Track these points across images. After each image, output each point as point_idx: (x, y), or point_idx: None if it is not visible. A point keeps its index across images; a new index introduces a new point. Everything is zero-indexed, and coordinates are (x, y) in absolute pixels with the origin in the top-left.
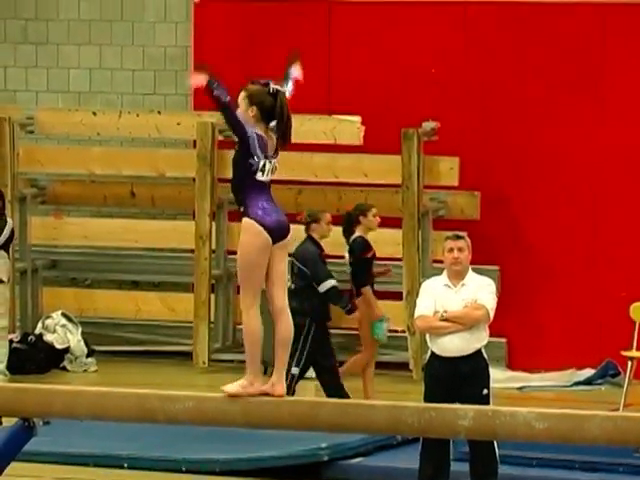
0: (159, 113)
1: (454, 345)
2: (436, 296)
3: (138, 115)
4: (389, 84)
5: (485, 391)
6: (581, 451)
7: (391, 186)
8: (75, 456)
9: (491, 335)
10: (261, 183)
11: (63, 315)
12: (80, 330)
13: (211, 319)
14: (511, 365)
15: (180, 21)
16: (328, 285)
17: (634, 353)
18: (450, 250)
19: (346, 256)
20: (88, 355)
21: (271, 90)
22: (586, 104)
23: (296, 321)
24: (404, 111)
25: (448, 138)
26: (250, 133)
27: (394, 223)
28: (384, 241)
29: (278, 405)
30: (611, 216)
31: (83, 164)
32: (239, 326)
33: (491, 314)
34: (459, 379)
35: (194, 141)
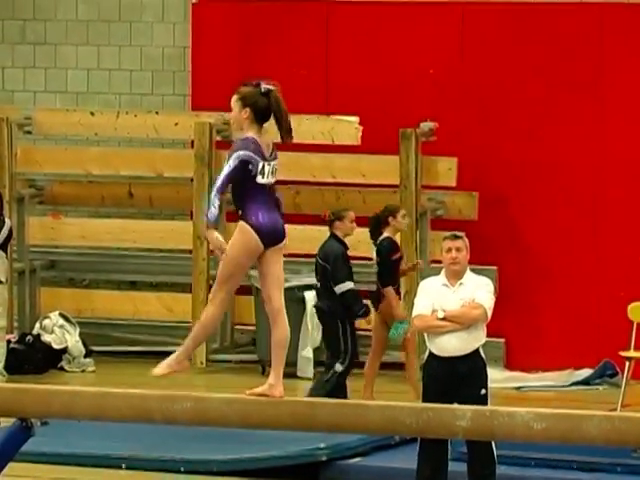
0: (157, 113)
1: (452, 345)
2: (434, 296)
3: (136, 115)
4: (387, 84)
5: (483, 391)
6: (579, 451)
7: (389, 186)
8: (73, 456)
9: (489, 335)
10: (262, 186)
11: (61, 315)
12: (78, 330)
13: None
14: (509, 365)
15: (178, 22)
16: (344, 287)
17: (632, 353)
18: (448, 250)
19: (374, 257)
20: (86, 355)
21: (263, 90)
22: (585, 104)
23: (325, 319)
24: (402, 111)
25: (446, 138)
26: (242, 157)
27: None
28: None
29: (276, 405)
30: (609, 216)
31: (81, 164)
32: (237, 326)
33: (489, 313)
34: (457, 379)
35: (192, 141)
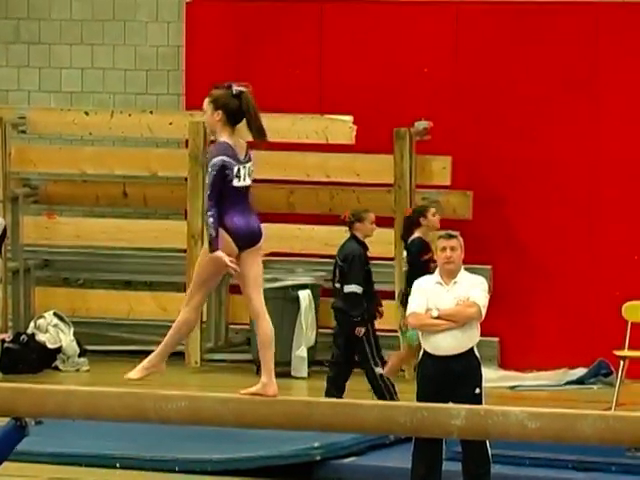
0: (151, 113)
1: (447, 344)
2: (428, 294)
3: (130, 115)
4: (381, 84)
5: (477, 390)
6: (574, 450)
7: (383, 186)
8: (67, 456)
9: (483, 334)
10: (237, 190)
11: (55, 315)
12: (72, 330)
13: (203, 319)
14: (503, 364)
15: (172, 21)
16: (351, 289)
17: (626, 352)
18: (443, 249)
19: (404, 256)
20: (80, 355)
21: (234, 92)
22: (579, 103)
23: (345, 320)
24: (396, 111)
25: (440, 138)
26: (220, 162)
27: (386, 223)
28: (376, 241)
29: (271, 405)
30: (604, 216)
31: (75, 164)
32: (232, 326)
33: (483, 311)
34: (451, 378)
35: (186, 141)
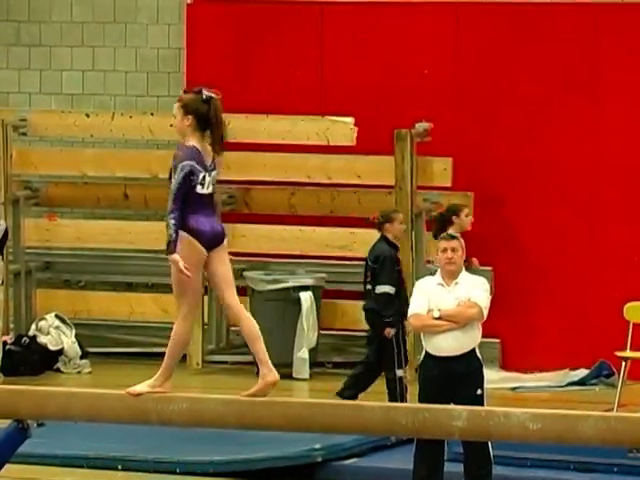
0: (152, 115)
1: (448, 345)
2: (429, 295)
3: (131, 117)
4: (382, 85)
5: (479, 391)
6: (576, 451)
7: (384, 187)
8: (69, 458)
9: (484, 336)
10: (201, 196)
11: (57, 317)
12: (74, 332)
13: (205, 321)
14: (505, 366)
15: (173, 23)
16: (383, 289)
17: (628, 353)
18: (444, 250)
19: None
20: (82, 357)
21: (204, 97)
22: (580, 104)
23: (376, 321)
24: (397, 112)
25: (441, 139)
26: (188, 167)
27: None
28: None
29: (272, 406)
30: (605, 216)
31: (76, 166)
32: (233, 327)
33: (485, 312)
34: (453, 379)
35: None
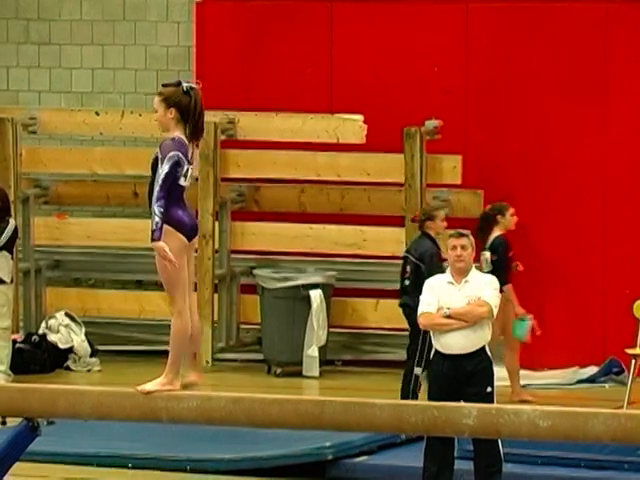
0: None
1: (458, 343)
2: (439, 293)
3: (141, 115)
4: (391, 83)
5: (489, 389)
6: (586, 449)
7: (394, 185)
8: (79, 456)
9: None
10: (182, 188)
11: (66, 315)
12: (84, 330)
13: (215, 319)
14: None
15: (182, 21)
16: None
17: (638, 351)
18: (453, 248)
19: (486, 255)
20: (92, 355)
21: (184, 89)
22: (590, 102)
23: (413, 317)
24: (406, 110)
25: (451, 136)
26: (176, 158)
27: (397, 222)
28: (387, 240)
29: (282, 404)
30: (615, 213)
31: (86, 164)
32: (243, 325)
33: (495, 311)
34: (463, 377)
35: None
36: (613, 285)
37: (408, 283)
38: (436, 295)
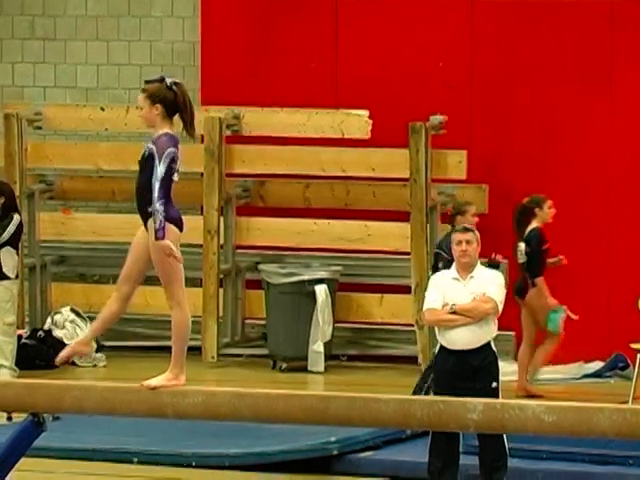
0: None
1: (463, 338)
2: (445, 289)
3: None
4: (396, 78)
5: (494, 384)
6: (591, 444)
7: (399, 180)
8: (85, 451)
9: (499, 328)
10: (173, 183)
11: (72, 310)
12: (89, 325)
13: (220, 314)
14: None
15: (187, 16)
16: None
17: None
18: (459, 243)
19: (521, 247)
20: (97, 350)
21: (168, 84)
22: (595, 97)
23: None
24: (411, 105)
25: (456, 131)
26: (172, 154)
27: (402, 217)
28: (392, 235)
29: (287, 399)
30: (620, 208)
31: (91, 159)
32: (248, 321)
33: (500, 307)
34: (468, 372)
35: (202, 136)
36: (619, 280)
37: None
38: (441, 291)
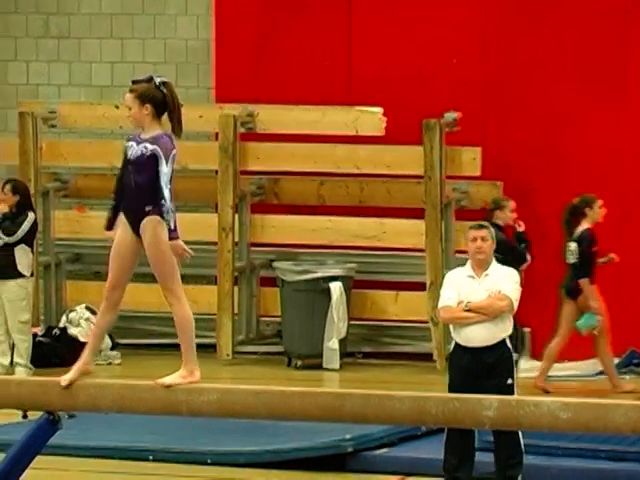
0: (181, 106)
1: (478, 335)
2: (460, 287)
3: None
4: (410, 75)
5: (509, 381)
6: (606, 440)
7: (413, 177)
8: (100, 449)
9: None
10: None
11: (87, 308)
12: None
13: (234, 311)
14: (535, 355)
15: (201, 14)
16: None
17: None
18: (473, 239)
19: (572, 246)
20: (112, 348)
21: (157, 84)
22: (609, 92)
23: None
24: (425, 102)
25: (470, 128)
26: (174, 155)
27: (417, 214)
28: (407, 232)
29: (302, 397)
30: (636, 205)
31: (105, 157)
32: (262, 318)
33: (515, 305)
34: (483, 369)
35: (216, 133)
36: (634, 277)
37: None
38: (456, 289)
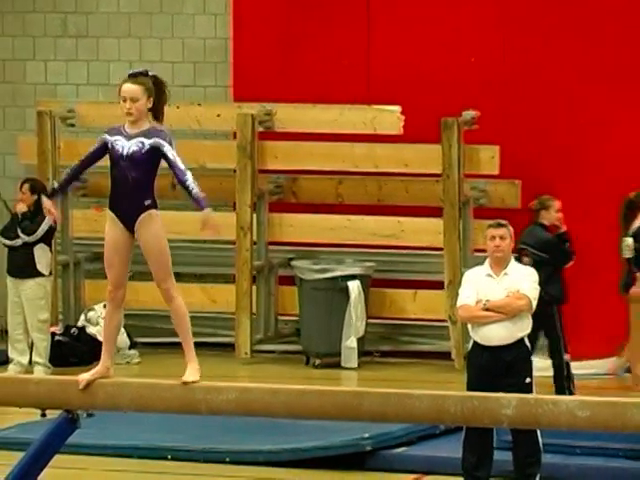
0: (199, 105)
1: (497, 334)
2: (478, 286)
3: (178, 107)
4: (428, 73)
5: (528, 380)
6: (625, 439)
7: (431, 175)
8: (118, 448)
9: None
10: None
11: (105, 307)
12: (122, 322)
13: (253, 310)
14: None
15: (219, 13)
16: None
17: None
18: (492, 238)
19: (628, 241)
20: (131, 347)
21: (153, 77)
22: (629, 91)
23: (542, 307)
24: (444, 100)
25: (488, 127)
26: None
27: (435, 212)
28: (425, 230)
29: (320, 396)
30: None
31: None
32: (281, 317)
33: (533, 304)
34: (501, 368)
35: (234, 132)
36: None
37: None
38: (475, 288)
